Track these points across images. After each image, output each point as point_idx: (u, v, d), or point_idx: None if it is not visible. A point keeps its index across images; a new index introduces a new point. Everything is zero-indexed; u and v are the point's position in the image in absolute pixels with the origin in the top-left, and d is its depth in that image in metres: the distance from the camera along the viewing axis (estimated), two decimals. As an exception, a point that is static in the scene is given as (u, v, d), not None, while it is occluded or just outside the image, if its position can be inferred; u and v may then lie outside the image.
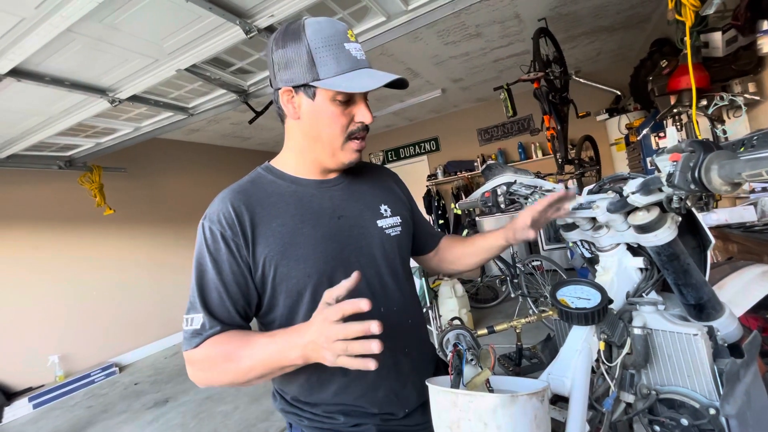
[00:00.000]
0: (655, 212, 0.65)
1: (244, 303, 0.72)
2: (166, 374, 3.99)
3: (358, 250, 0.78)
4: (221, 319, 0.69)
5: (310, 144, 0.77)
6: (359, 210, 0.82)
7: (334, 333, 0.53)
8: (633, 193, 0.63)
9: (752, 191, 2.10)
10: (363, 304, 0.53)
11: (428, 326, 3.33)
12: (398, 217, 0.86)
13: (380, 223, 0.83)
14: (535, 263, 3.77)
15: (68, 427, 3.14)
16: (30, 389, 3.76)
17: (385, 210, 0.85)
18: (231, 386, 0.67)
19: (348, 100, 0.72)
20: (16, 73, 1.98)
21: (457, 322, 0.69)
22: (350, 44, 0.71)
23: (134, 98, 2.51)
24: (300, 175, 0.80)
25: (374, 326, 0.51)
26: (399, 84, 0.73)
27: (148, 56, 2.10)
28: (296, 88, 0.72)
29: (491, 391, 0.59)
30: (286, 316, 0.74)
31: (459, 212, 6.43)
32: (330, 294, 0.57)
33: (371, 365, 0.52)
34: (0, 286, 3.78)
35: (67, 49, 1.90)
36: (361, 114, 0.74)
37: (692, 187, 0.49)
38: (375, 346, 0.51)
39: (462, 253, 1.00)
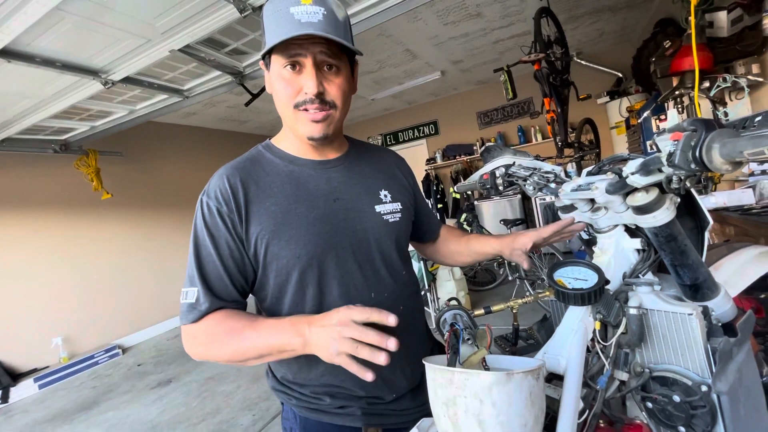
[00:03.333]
0: (654, 193, 0.64)
1: (241, 278, 0.73)
2: (169, 355, 4.06)
3: (351, 235, 0.77)
4: (218, 293, 0.70)
5: (282, 118, 0.77)
6: (357, 194, 0.81)
7: (350, 331, 0.54)
8: (632, 173, 0.62)
9: (751, 174, 2.10)
10: (391, 320, 0.55)
11: (426, 308, 3.37)
12: (398, 204, 0.85)
13: (378, 208, 0.82)
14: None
15: (75, 406, 3.21)
16: (35, 370, 3.83)
17: (385, 195, 0.84)
18: (227, 363, 0.68)
19: (299, 69, 0.69)
20: (6, 53, 1.94)
21: (454, 302, 0.69)
22: (299, 7, 0.65)
23: (128, 80, 2.46)
24: (298, 155, 0.79)
25: (391, 343, 0.53)
26: (350, 51, 0.72)
27: (141, 36, 2.05)
28: (263, 61, 0.74)
29: (487, 369, 0.59)
30: (276, 295, 0.75)
31: (458, 196, 6.42)
32: (357, 309, 0.58)
33: (369, 376, 0.53)
34: (2, 270, 3.80)
35: (56, 29, 1.85)
36: (305, 82, 0.69)
37: (693, 166, 0.49)
38: (383, 358, 0.53)
39: (456, 251, 1.01)
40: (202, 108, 5.03)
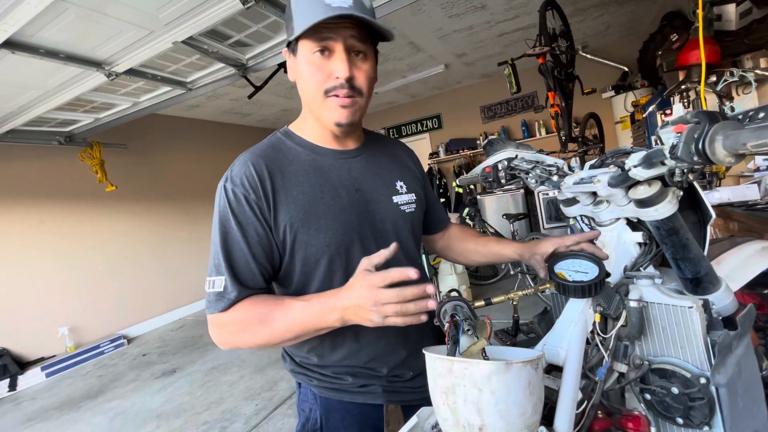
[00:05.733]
0: (657, 186, 0.64)
1: (268, 265, 0.73)
2: (173, 346, 4.11)
3: (373, 225, 0.79)
4: (245, 281, 0.70)
5: (306, 105, 0.77)
6: (376, 185, 0.82)
7: (385, 298, 0.56)
8: (635, 166, 0.62)
9: (757, 169, 2.08)
10: (411, 273, 0.56)
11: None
12: (413, 194, 0.87)
13: (396, 199, 0.84)
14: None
15: (81, 394, 3.26)
16: (42, 359, 3.89)
17: (401, 186, 0.86)
18: (259, 348, 0.69)
19: (327, 55, 0.69)
20: (10, 45, 1.94)
21: (454, 293, 0.70)
22: None
23: (131, 72, 2.47)
24: (319, 143, 0.80)
25: (429, 287, 0.57)
26: (381, 35, 0.72)
27: (144, 28, 2.05)
28: (288, 48, 0.74)
29: (487, 359, 0.60)
30: (302, 282, 0.76)
31: (460, 190, 6.40)
32: (369, 261, 0.60)
33: (423, 318, 0.57)
34: (9, 260, 3.84)
35: (60, 20, 1.85)
36: (336, 66, 0.69)
37: (696, 158, 0.49)
38: (431, 303, 0.56)
39: (472, 250, 1.00)
40: (205, 100, 5.03)
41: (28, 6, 1.64)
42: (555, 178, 0.83)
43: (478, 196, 5.83)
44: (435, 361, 0.53)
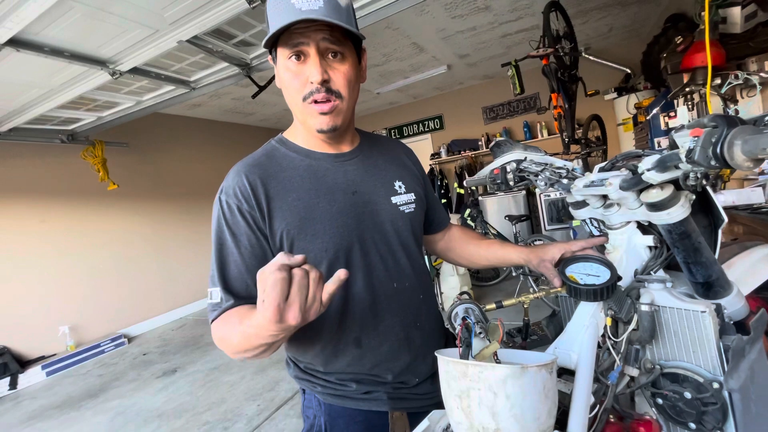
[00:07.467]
0: (669, 190, 0.64)
1: None
2: (174, 345, 4.10)
3: (372, 227, 0.78)
4: (237, 293, 0.69)
5: (293, 113, 0.76)
6: (373, 186, 0.81)
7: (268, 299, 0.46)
8: (648, 170, 0.62)
9: (762, 172, 2.08)
10: (298, 258, 0.48)
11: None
12: (412, 194, 0.86)
13: (394, 199, 0.83)
14: (537, 243, 3.78)
15: (82, 393, 3.26)
16: (42, 358, 3.89)
17: (400, 186, 0.85)
18: (245, 358, 0.64)
19: (303, 60, 0.68)
20: (15, 42, 1.94)
21: (465, 296, 0.70)
22: None
23: (135, 71, 2.46)
24: (313, 148, 0.79)
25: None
26: (356, 37, 0.70)
27: (149, 26, 2.05)
28: (271, 55, 0.73)
29: (499, 363, 0.60)
30: None
31: (462, 192, 6.40)
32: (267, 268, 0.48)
33: (342, 273, 0.51)
34: (10, 258, 3.84)
35: (65, 18, 1.85)
36: (309, 71, 0.68)
37: (713, 162, 0.48)
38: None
39: (475, 253, 0.99)
40: (207, 100, 5.02)
41: (34, 4, 1.64)
42: (565, 180, 0.82)
43: (480, 198, 5.82)
44: (448, 364, 0.52)
